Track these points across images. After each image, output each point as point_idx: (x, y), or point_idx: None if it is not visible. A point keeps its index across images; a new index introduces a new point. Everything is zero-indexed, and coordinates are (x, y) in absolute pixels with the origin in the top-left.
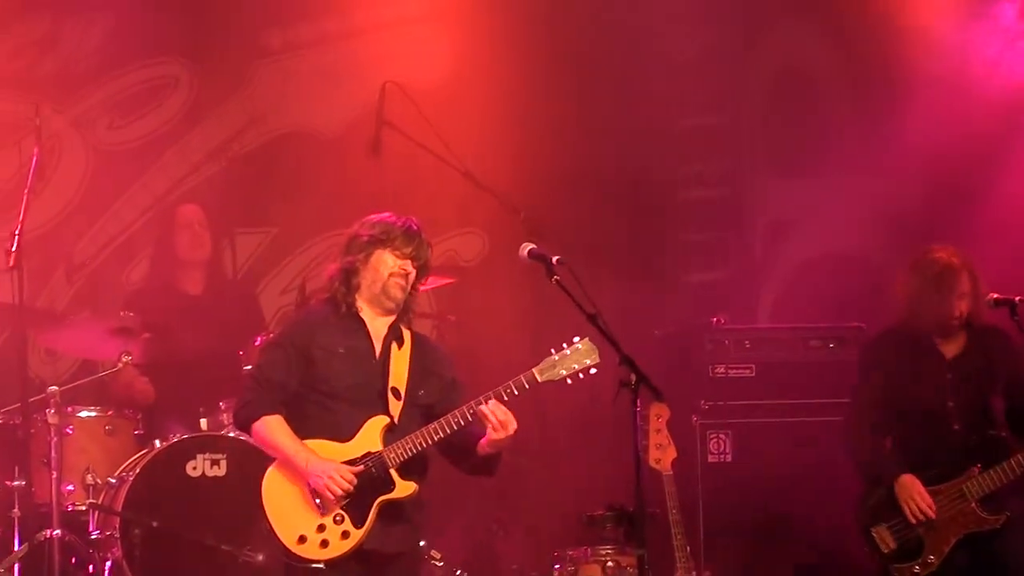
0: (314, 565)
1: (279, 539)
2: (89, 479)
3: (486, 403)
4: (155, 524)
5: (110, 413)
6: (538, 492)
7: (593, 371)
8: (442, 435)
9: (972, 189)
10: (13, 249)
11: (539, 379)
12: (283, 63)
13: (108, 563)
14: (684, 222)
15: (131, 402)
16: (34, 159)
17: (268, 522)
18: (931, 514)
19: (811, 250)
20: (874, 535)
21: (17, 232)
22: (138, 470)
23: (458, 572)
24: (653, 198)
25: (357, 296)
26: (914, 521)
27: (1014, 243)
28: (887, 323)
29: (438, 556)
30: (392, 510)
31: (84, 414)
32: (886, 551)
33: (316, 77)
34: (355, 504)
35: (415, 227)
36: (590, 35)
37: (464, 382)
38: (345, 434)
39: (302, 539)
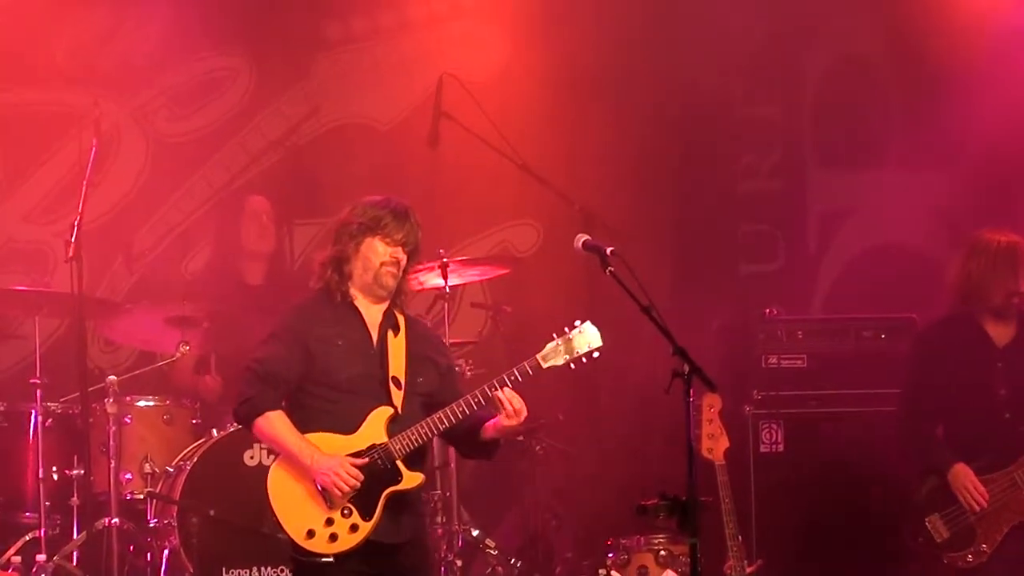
0: (323, 559)
1: (287, 534)
2: (147, 468)
3: (493, 391)
4: (212, 513)
5: (168, 402)
6: (592, 482)
7: (596, 355)
8: (447, 424)
9: (1020, 181)
10: (72, 240)
11: (543, 365)
12: (342, 56)
13: (166, 551)
14: (738, 213)
15: (193, 391)
16: (92, 151)
17: (275, 517)
18: (984, 503)
19: (864, 242)
20: (927, 525)
21: (76, 223)
22: (196, 459)
23: (512, 561)
24: (707, 189)
25: (350, 284)
26: (967, 510)
27: None
28: (939, 314)
29: (492, 545)
30: (399, 500)
31: (143, 403)
32: (939, 540)
33: (374, 69)
34: (363, 497)
35: (404, 211)
36: (645, 25)
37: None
38: (349, 426)
39: (311, 533)
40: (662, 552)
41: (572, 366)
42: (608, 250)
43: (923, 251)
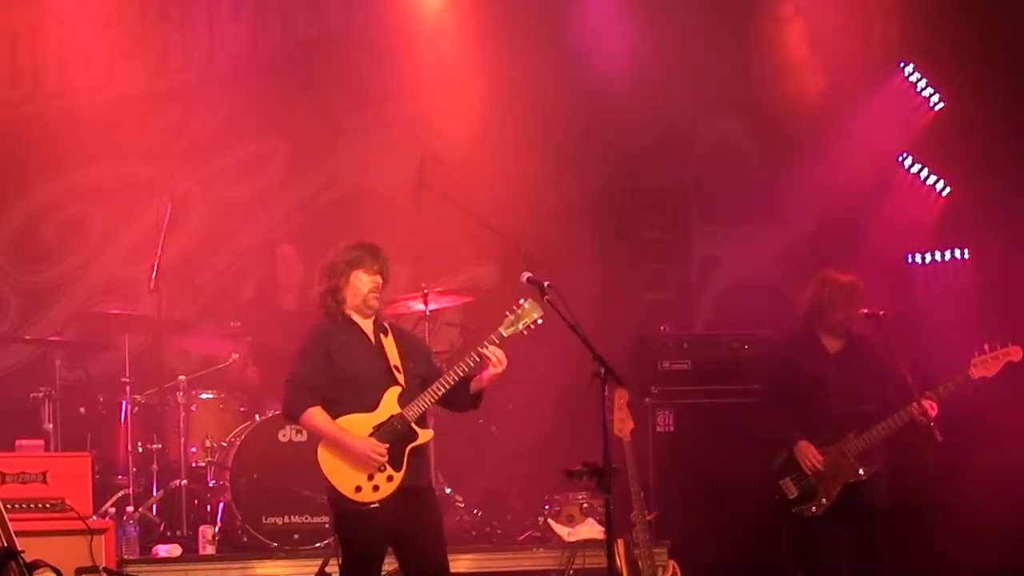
0: (371, 505)
1: (340, 493)
2: (208, 443)
3: (474, 360)
4: (255, 476)
5: (223, 395)
6: (534, 455)
7: (539, 322)
8: (444, 390)
9: (850, 232)
10: (153, 276)
11: (504, 334)
12: (354, 139)
13: (221, 504)
14: (642, 257)
15: (241, 387)
16: (168, 210)
17: (329, 483)
18: (821, 468)
19: (733, 278)
20: (781, 485)
21: (156, 264)
22: (243, 436)
23: (475, 511)
24: (620, 238)
25: (345, 307)
26: (809, 474)
27: (880, 271)
28: (787, 330)
29: (460, 499)
30: (416, 453)
31: (204, 396)
32: (791, 497)
33: (377, 149)
34: (393, 455)
35: (376, 248)
36: (576, 122)
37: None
38: (370, 406)
39: (358, 489)
40: (585, 504)
41: (525, 333)
42: (545, 283)
43: (776, 285)
